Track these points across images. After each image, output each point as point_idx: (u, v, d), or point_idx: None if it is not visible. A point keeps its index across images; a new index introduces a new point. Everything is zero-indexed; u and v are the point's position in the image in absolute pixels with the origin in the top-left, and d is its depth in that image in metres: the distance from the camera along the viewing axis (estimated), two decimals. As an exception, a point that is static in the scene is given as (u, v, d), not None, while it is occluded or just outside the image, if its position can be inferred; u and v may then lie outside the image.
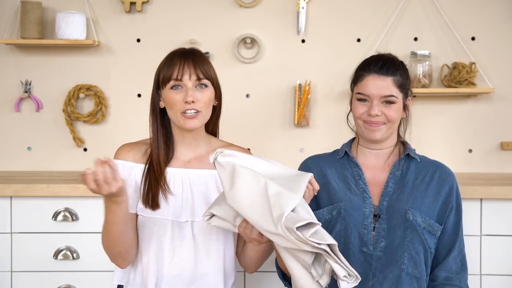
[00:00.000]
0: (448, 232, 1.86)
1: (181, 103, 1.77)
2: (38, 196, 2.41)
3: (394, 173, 1.88)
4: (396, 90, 1.84)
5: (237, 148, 1.90)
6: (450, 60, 2.92)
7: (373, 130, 1.84)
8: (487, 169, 2.95)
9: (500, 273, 2.40)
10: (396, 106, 1.84)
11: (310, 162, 1.98)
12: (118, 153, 1.87)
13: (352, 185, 1.88)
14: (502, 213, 2.39)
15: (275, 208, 1.51)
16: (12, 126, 2.98)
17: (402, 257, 1.80)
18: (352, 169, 1.91)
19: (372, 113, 1.82)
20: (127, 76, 2.96)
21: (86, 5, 2.94)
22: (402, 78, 1.87)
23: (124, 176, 1.79)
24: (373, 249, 1.81)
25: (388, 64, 1.86)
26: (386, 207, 1.83)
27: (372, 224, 1.82)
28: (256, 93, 2.97)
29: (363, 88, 1.85)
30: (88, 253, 2.43)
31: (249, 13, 2.95)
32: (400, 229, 1.80)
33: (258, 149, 2.95)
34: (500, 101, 2.93)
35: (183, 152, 1.86)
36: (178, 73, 1.78)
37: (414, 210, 1.81)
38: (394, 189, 1.86)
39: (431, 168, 1.90)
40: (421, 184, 1.86)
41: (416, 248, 1.80)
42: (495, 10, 2.92)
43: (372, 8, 2.95)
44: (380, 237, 1.81)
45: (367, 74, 1.85)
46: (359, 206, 1.84)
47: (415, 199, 1.84)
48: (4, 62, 2.96)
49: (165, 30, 2.95)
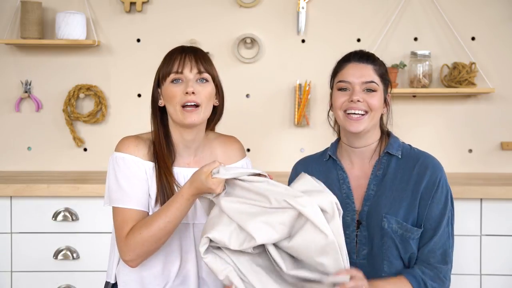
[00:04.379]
0: (430, 224, 1.79)
1: (181, 95, 1.73)
2: (38, 196, 2.41)
3: (375, 173, 1.84)
4: (377, 78, 1.81)
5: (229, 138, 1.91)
6: (450, 60, 2.92)
7: (355, 122, 1.78)
8: (487, 169, 2.95)
9: (500, 273, 2.40)
10: (377, 94, 1.80)
11: (299, 167, 1.95)
12: (125, 147, 1.79)
13: (336, 190, 1.83)
14: (502, 213, 2.39)
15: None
16: (12, 126, 2.98)
17: (381, 265, 1.78)
18: (337, 171, 1.88)
19: (354, 98, 1.77)
20: (127, 76, 2.97)
21: (86, 5, 2.94)
22: (382, 69, 1.84)
23: (134, 172, 1.75)
24: (356, 258, 1.79)
25: (367, 55, 1.85)
26: (366, 213, 1.80)
27: (354, 232, 1.80)
28: (256, 93, 2.97)
29: (344, 76, 1.81)
30: (88, 253, 2.43)
31: (249, 13, 2.95)
32: (377, 237, 1.77)
33: (258, 149, 2.95)
34: (500, 101, 2.93)
35: (183, 153, 1.85)
36: (178, 66, 1.75)
37: (390, 216, 1.76)
38: (375, 191, 1.82)
39: (411, 163, 1.83)
40: (400, 184, 1.81)
41: (394, 254, 1.77)
42: (495, 10, 2.93)
43: (372, 8, 2.95)
44: (362, 245, 1.79)
45: (347, 63, 1.83)
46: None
47: (393, 202, 1.78)
48: (4, 62, 2.96)
49: (165, 30, 2.95)
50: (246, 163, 1.94)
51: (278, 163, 2.94)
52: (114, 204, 1.75)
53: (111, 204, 1.76)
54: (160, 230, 1.67)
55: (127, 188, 1.74)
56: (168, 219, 1.67)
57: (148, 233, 1.68)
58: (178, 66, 1.75)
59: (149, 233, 1.68)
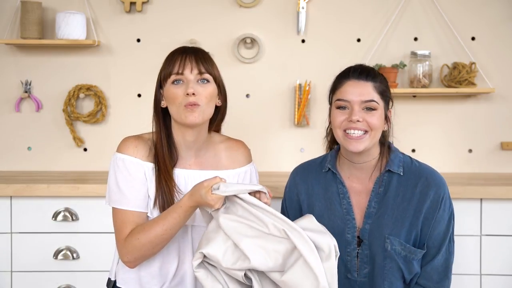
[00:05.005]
0: (432, 242, 1.78)
1: (182, 96, 1.74)
2: (38, 196, 2.41)
3: (376, 190, 1.80)
4: (377, 96, 1.75)
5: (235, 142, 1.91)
6: (450, 60, 2.92)
7: (355, 141, 1.73)
8: (487, 169, 2.94)
9: (500, 273, 2.40)
10: (378, 113, 1.75)
11: (298, 179, 1.92)
12: (125, 148, 1.80)
13: (336, 204, 1.82)
14: (502, 213, 2.39)
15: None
16: (12, 126, 2.98)
17: (382, 285, 1.77)
18: (337, 185, 1.84)
19: (353, 118, 1.71)
20: (127, 76, 2.96)
21: (86, 5, 2.94)
22: (382, 86, 1.78)
23: (133, 173, 1.76)
24: (357, 276, 1.79)
25: (367, 71, 1.78)
26: (368, 231, 1.78)
27: (355, 250, 1.78)
28: (256, 93, 2.97)
29: (343, 94, 1.75)
30: (88, 253, 2.43)
31: (249, 13, 2.95)
32: (380, 258, 1.76)
33: (258, 149, 2.95)
34: (500, 101, 2.93)
35: (185, 154, 1.85)
36: (179, 67, 1.75)
37: (393, 238, 1.75)
38: (376, 209, 1.79)
39: (413, 180, 1.79)
40: (402, 203, 1.77)
41: (396, 275, 1.77)
42: (495, 10, 2.92)
43: (372, 8, 2.95)
44: (363, 263, 1.78)
45: (346, 80, 1.77)
46: (341, 232, 1.79)
47: (396, 223, 1.76)
48: (4, 62, 2.96)
49: (165, 30, 2.95)
50: (250, 170, 1.93)
51: (278, 163, 2.94)
52: (113, 205, 1.78)
53: (110, 205, 1.79)
54: (157, 237, 1.70)
55: (125, 190, 1.76)
56: (166, 227, 1.69)
57: (145, 239, 1.70)
58: (179, 67, 1.75)
59: (147, 239, 1.70)
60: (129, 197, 1.76)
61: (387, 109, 1.80)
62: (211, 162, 1.86)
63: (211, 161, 1.86)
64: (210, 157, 1.87)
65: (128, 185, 1.76)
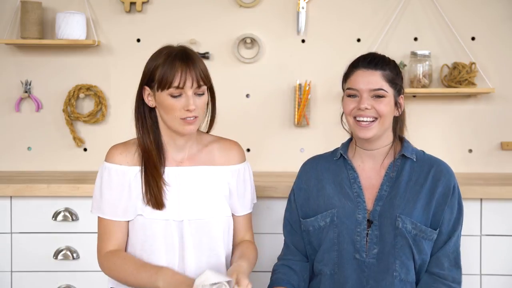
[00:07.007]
0: (445, 228, 1.82)
1: (181, 110, 1.76)
2: (38, 196, 2.41)
3: (389, 175, 1.86)
4: (385, 84, 1.81)
5: (229, 142, 1.93)
6: (450, 60, 2.92)
7: (365, 129, 1.81)
8: (487, 169, 2.95)
9: (500, 273, 2.40)
10: (386, 100, 1.81)
11: (308, 167, 1.97)
12: (110, 156, 1.85)
13: (346, 188, 1.87)
14: (502, 213, 2.39)
15: None
16: (12, 126, 2.98)
17: (394, 264, 1.78)
18: (347, 171, 1.89)
19: (362, 106, 1.79)
20: (127, 76, 2.96)
21: (86, 5, 2.94)
22: (392, 73, 1.84)
23: (116, 182, 1.81)
24: (365, 256, 1.80)
25: (376, 59, 1.85)
26: (379, 212, 1.81)
27: (365, 230, 1.81)
28: (256, 93, 2.97)
29: (352, 83, 1.83)
30: (88, 253, 2.43)
31: (249, 13, 2.95)
32: (390, 236, 1.79)
33: (258, 149, 2.95)
34: (500, 101, 2.93)
35: (174, 153, 1.87)
36: (180, 81, 1.75)
37: (404, 216, 1.78)
38: (388, 192, 1.84)
39: (426, 167, 1.86)
40: (414, 186, 1.83)
41: (407, 254, 1.79)
42: (495, 10, 2.92)
43: (372, 8, 2.95)
44: (372, 244, 1.80)
45: (356, 70, 1.84)
46: (352, 212, 1.83)
47: (407, 203, 1.81)
48: (4, 62, 2.96)
49: (165, 30, 2.95)
50: (244, 168, 1.95)
51: (278, 163, 2.94)
52: (95, 212, 1.86)
53: (92, 212, 1.87)
54: (127, 282, 1.79)
55: (107, 199, 1.82)
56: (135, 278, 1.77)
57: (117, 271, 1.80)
58: (180, 81, 1.76)
59: (118, 273, 1.80)
60: (110, 206, 1.82)
61: (397, 96, 1.86)
62: (204, 159, 1.89)
63: (204, 157, 1.89)
64: (203, 154, 1.90)
65: (110, 193, 1.82)
